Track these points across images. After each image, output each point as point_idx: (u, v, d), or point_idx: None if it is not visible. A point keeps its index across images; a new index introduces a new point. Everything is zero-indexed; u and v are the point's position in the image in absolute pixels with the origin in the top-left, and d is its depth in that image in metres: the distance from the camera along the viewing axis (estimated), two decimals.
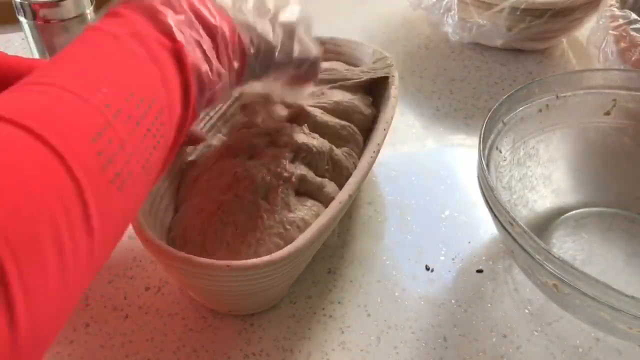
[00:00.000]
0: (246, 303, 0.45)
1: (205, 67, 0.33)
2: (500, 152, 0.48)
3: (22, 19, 0.56)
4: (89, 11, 0.57)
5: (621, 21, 0.59)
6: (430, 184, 0.57)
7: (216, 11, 0.34)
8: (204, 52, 0.33)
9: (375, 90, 0.55)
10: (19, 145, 0.23)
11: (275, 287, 0.43)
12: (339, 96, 0.52)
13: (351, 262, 0.50)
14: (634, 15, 0.59)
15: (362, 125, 0.52)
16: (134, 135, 0.27)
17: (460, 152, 0.61)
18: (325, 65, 0.54)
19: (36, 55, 0.58)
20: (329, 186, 0.47)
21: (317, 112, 0.50)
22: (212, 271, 0.38)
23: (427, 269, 0.49)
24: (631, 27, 0.58)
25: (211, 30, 0.33)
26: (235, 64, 0.36)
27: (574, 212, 0.53)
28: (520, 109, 0.49)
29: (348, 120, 0.51)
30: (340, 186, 0.46)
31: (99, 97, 0.26)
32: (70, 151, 0.24)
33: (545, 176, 0.52)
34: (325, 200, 0.45)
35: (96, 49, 0.29)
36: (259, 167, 0.45)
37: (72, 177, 0.23)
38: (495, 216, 0.42)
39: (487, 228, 0.52)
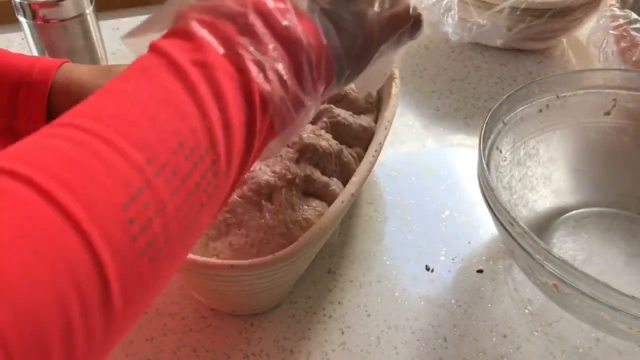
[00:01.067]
0: (249, 303, 0.45)
1: (281, 102, 0.28)
2: (501, 152, 0.48)
3: (21, 19, 0.56)
4: (89, 11, 0.57)
5: (621, 21, 0.59)
6: (430, 184, 0.57)
7: (299, 22, 0.29)
8: (283, 83, 0.28)
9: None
10: (23, 205, 0.19)
11: (278, 287, 0.43)
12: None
13: (351, 262, 0.50)
14: (634, 15, 0.59)
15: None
16: (179, 194, 0.23)
17: (460, 152, 0.61)
18: None
19: (36, 55, 0.58)
20: (335, 185, 0.47)
21: (341, 112, 0.51)
22: (216, 271, 0.39)
23: (427, 269, 0.49)
24: (631, 27, 0.58)
25: (295, 52, 0.28)
26: (321, 87, 0.31)
27: (574, 212, 0.53)
28: (521, 109, 0.49)
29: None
30: None
31: (141, 150, 0.22)
32: (94, 219, 0.20)
33: (546, 176, 0.52)
34: (331, 199, 0.46)
35: (150, 83, 0.25)
36: (263, 169, 0.45)
37: (91, 253, 0.19)
38: (495, 216, 0.42)
39: (487, 228, 0.52)
